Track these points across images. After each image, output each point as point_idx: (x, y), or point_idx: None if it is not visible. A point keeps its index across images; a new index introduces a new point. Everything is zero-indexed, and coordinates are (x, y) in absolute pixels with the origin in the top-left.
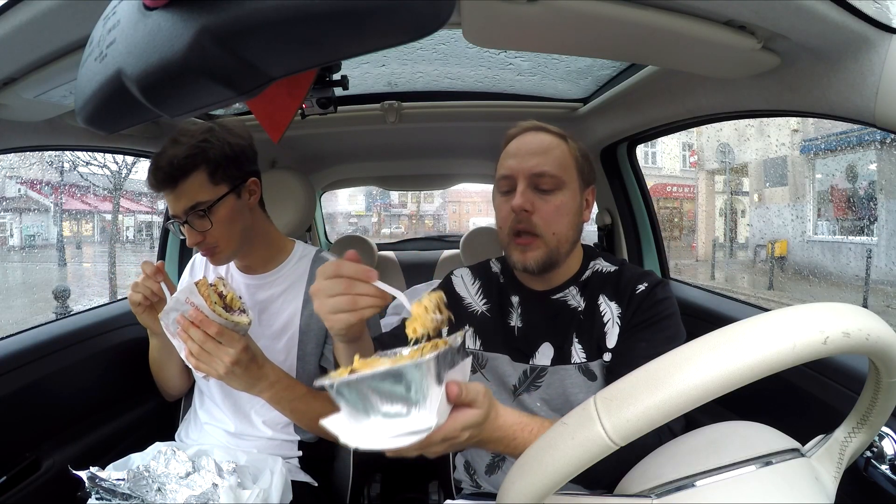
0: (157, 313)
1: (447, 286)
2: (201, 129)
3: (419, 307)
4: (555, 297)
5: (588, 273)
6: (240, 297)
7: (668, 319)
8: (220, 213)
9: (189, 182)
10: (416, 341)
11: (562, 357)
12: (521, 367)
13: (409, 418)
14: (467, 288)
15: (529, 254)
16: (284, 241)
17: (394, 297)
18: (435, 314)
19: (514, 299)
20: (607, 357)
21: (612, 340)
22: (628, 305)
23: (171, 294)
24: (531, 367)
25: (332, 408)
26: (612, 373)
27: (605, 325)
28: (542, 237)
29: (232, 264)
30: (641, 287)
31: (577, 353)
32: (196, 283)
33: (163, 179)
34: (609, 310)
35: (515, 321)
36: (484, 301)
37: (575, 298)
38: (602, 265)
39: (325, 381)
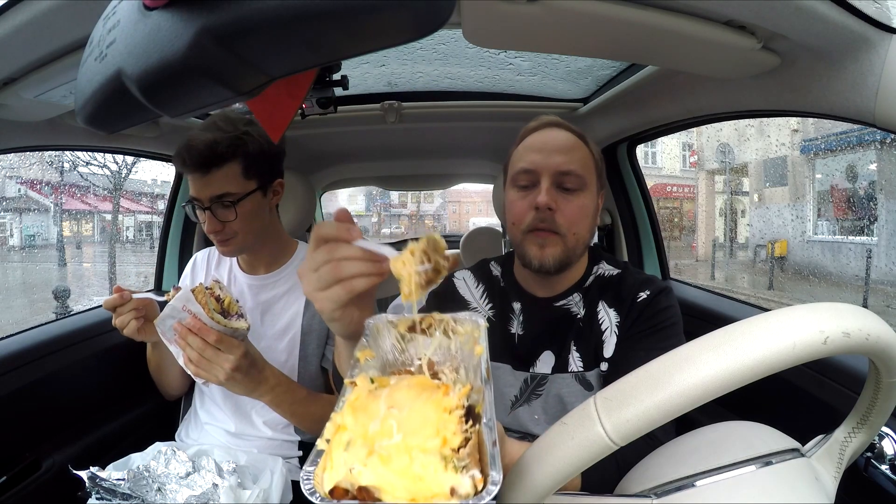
0: (150, 325)
1: (449, 290)
2: (242, 119)
3: (397, 263)
4: (557, 304)
5: (591, 279)
6: (237, 301)
7: (668, 329)
8: (245, 207)
9: (223, 171)
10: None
11: (561, 365)
12: (522, 376)
13: None
14: (471, 291)
15: (548, 250)
16: (289, 243)
17: (386, 259)
18: (421, 263)
19: (516, 306)
20: (604, 367)
21: (609, 350)
22: (628, 314)
23: (145, 299)
24: (531, 375)
25: (332, 411)
26: (608, 383)
27: (603, 333)
28: (563, 236)
29: (235, 265)
30: (643, 295)
31: (575, 362)
32: (193, 291)
33: (196, 162)
34: (608, 318)
35: (516, 328)
36: (489, 306)
37: (577, 306)
38: (605, 269)
39: (325, 503)
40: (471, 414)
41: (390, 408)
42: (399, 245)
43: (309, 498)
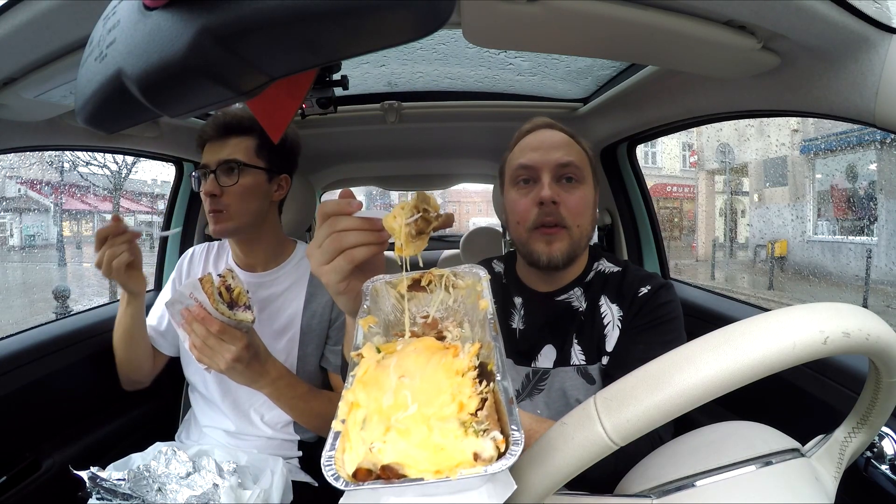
0: (137, 272)
1: None
2: None
3: (388, 218)
4: (559, 298)
5: (592, 274)
6: (247, 292)
7: (669, 323)
8: (247, 178)
9: (238, 140)
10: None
11: (563, 359)
12: (524, 371)
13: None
14: None
15: (556, 245)
16: (287, 242)
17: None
18: (410, 215)
19: (517, 300)
20: (606, 361)
21: (611, 344)
22: (630, 308)
23: (136, 233)
24: (533, 370)
25: (332, 408)
26: (609, 376)
27: (606, 327)
28: (569, 228)
29: (232, 262)
30: (644, 289)
31: (577, 355)
32: (200, 280)
33: (219, 128)
34: (610, 312)
35: (517, 323)
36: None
37: (579, 300)
38: (605, 266)
39: (351, 488)
40: (483, 373)
41: (401, 377)
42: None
43: (333, 484)
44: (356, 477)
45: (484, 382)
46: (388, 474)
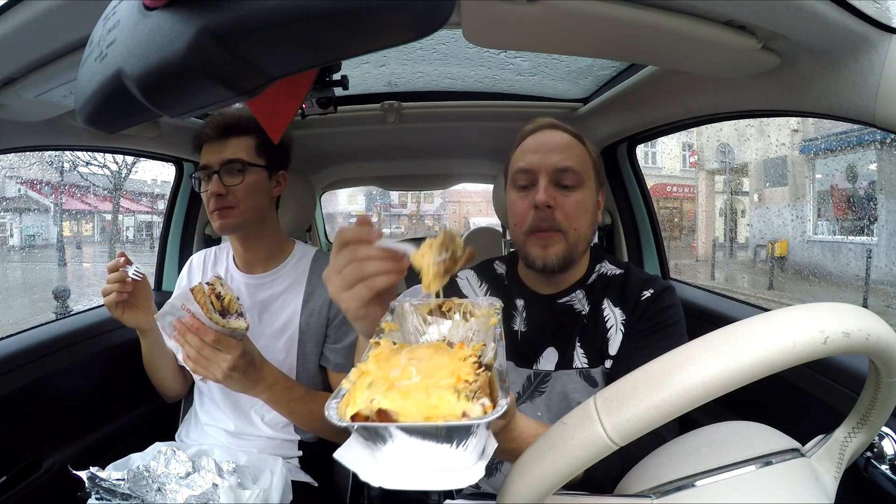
0: (136, 310)
1: (453, 289)
2: None
3: (416, 256)
4: (561, 300)
5: (594, 276)
6: (237, 299)
7: (672, 327)
8: (250, 177)
9: (239, 140)
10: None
11: (565, 362)
12: (525, 373)
13: (448, 458)
14: (474, 290)
15: (551, 249)
16: (286, 242)
17: (406, 256)
18: (439, 254)
19: (519, 303)
20: (609, 364)
21: (614, 347)
22: (633, 312)
23: (138, 280)
24: (535, 372)
25: None
26: (612, 380)
27: (609, 331)
28: (564, 232)
29: (231, 264)
30: (647, 293)
31: (579, 358)
32: (192, 290)
33: (218, 129)
34: (613, 316)
35: (519, 325)
36: None
37: (581, 302)
38: (607, 268)
39: (344, 424)
40: (483, 366)
41: (410, 359)
42: (418, 242)
43: (331, 421)
44: (353, 420)
45: (483, 368)
46: (382, 418)
